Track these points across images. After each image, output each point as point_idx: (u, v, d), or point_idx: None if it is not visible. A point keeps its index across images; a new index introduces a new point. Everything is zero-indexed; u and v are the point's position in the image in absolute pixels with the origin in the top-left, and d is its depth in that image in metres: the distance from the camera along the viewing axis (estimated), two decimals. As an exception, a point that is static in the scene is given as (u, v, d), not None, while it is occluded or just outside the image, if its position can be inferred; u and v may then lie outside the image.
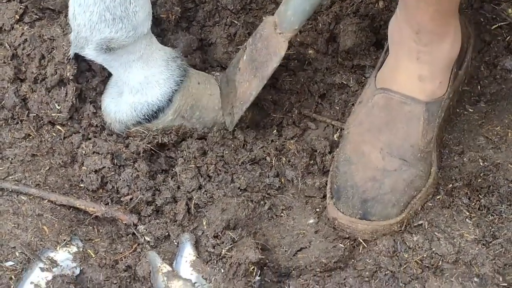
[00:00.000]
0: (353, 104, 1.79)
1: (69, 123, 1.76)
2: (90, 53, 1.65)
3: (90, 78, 1.78)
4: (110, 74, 1.76)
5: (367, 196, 1.60)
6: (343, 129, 1.73)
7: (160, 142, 1.73)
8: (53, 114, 1.74)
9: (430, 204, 1.66)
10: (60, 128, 1.76)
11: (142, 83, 1.71)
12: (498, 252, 1.56)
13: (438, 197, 1.66)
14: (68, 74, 1.72)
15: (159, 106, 1.72)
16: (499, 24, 1.88)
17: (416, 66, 1.63)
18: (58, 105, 1.73)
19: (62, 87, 1.73)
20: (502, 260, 1.55)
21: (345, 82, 1.86)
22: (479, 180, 1.67)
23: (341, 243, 1.63)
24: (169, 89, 1.72)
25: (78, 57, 1.72)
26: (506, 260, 1.55)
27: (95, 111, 1.77)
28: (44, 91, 1.73)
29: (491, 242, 1.58)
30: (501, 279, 1.53)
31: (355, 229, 1.62)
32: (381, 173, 1.61)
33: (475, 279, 1.54)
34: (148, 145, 1.72)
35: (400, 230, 1.62)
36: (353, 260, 1.61)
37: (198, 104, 1.76)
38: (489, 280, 1.53)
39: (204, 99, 1.77)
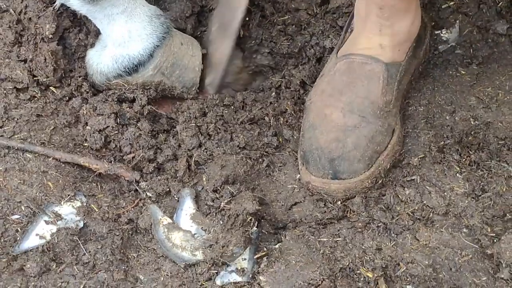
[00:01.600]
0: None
1: (61, 85, 1.85)
2: (74, 3, 1.72)
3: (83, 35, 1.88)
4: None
5: (333, 156, 1.69)
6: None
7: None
8: (43, 79, 1.82)
9: (421, 160, 1.75)
10: (54, 90, 1.84)
11: (124, 37, 1.78)
12: (487, 205, 1.65)
13: (430, 153, 1.76)
14: (47, 33, 1.80)
15: (140, 60, 1.79)
16: (492, -11, 1.98)
17: (378, 37, 1.74)
18: (41, 70, 1.81)
19: (40, 51, 1.81)
20: (490, 212, 1.65)
21: (335, 46, 1.93)
22: (469, 138, 1.76)
23: (331, 203, 1.73)
24: (151, 44, 1.79)
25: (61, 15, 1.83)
26: (494, 212, 1.64)
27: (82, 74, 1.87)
28: (31, 55, 1.82)
29: (480, 195, 1.67)
30: (489, 229, 1.62)
31: (329, 190, 1.71)
32: (343, 132, 1.69)
33: (464, 229, 1.63)
34: (151, 106, 1.82)
35: (372, 188, 1.71)
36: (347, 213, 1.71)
37: (179, 63, 1.84)
38: (477, 230, 1.63)
39: (185, 59, 1.85)
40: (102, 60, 1.81)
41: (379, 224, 1.66)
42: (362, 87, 1.72)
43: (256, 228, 1.65)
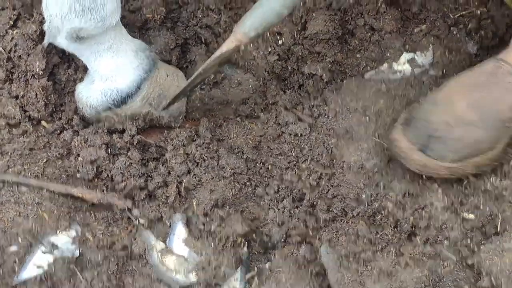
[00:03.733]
0: (324, 89, 2.00)
1: (52, 119, 1.92)
2: (62, 42, 1.79)
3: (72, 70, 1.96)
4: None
5: (435, 133, 1.74)
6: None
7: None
8: (35, 114, 1.89)
9: (402, 176, 1.83)
10: (45, 125, 1.90)
11: (112, 71, 1.85)
12: (466, 217, 1.74)
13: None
14: (37, 70, 1.87)
15: (128, 93, 1.86)
16: (461, 13, 2.06)
17: None
18: (33, 105, 1.88)
19: (31, 87, 1.88)
20: (469, 223, 1.73)
21: (313, 72, 2.02)
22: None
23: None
24: (138, 76, 1.86)
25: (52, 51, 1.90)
26: (473, 224, 1.73)
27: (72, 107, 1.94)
28: (22, 91, 1.89)
29: (459, 208, 1.75)
30: (469, 241, 1.70)
31: (409, 157, 1.77)
32: (456, 121, 1.74)
33: (445, 241, 1.71)
34: (141, 136, 1.89)
35: (445, 178, 1.78)
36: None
37: (165, 93, 1.91)
38: (458, 242, 1.70)
39: (171, 89, 1.92)
40: (91, 94, 1.88)
41: (364, 240, 1.73)
42: (496, 93, 1.75)
43: (246, 249, 1.72)
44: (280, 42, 2.04)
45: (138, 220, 1.81)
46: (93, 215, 1.81)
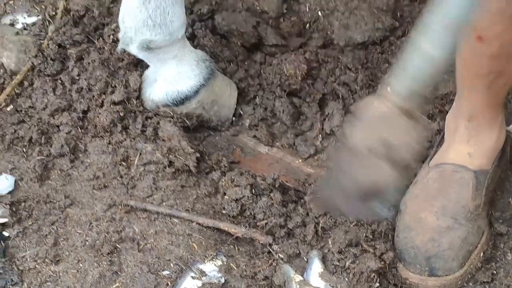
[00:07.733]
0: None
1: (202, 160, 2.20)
2: (133, 50, 2.13)
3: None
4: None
5: (429, 254, 1.92)
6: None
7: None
8: (185, 162, 2.16)
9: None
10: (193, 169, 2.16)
11: (175, 76, 2.19)
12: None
13: None
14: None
15: (187, 95, 2.20)
16: None
17: (466, 146, 1.97)
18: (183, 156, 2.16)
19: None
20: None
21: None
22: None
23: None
24: (198, 83, 2.20)
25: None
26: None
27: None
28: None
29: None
30: None
31: (426, 286, 1.94)
32: (438, 233, 1.90)
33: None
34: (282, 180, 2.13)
35: (464, 285, 1.94)
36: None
37: (218, 100, 2.25)
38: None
39: (223, 97, 2.26)
40: (154, 90, 2.22)
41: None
42: (454, 193, 1.93)
43: (378, 284, 1.92)
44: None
45: (278, 255, 2.01)
46: (236, 248, 2.04)
